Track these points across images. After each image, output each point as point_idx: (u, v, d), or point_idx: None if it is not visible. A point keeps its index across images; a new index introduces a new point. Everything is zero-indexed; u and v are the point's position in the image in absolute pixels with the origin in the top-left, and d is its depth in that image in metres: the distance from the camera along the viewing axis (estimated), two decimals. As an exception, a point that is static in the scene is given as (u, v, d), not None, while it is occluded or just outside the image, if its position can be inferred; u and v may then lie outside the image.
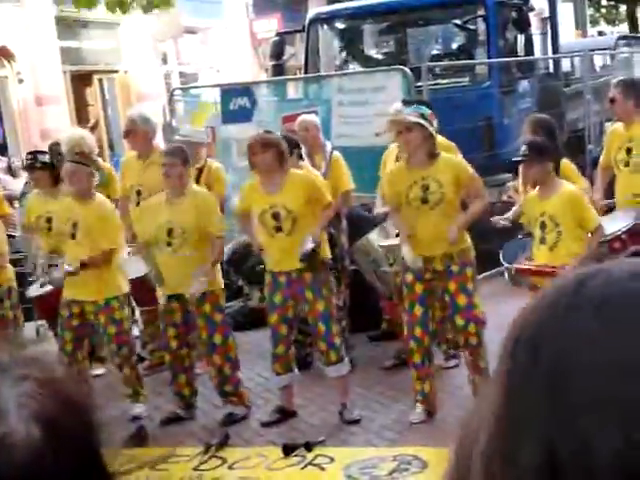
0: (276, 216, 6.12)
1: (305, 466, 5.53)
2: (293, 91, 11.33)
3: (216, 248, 6.49)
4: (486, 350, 5.89)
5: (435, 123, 5.93)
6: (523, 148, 5.87)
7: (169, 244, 6.39)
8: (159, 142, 8.13)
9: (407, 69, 9.05)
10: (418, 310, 6.05)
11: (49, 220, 7.18)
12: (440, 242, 5.88)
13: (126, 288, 6.86)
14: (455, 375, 6.83)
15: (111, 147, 18.40)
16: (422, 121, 5.80)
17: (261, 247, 6.33)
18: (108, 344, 6.81)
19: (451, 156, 6.20)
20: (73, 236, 6.62)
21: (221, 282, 6.63)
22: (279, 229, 6.12)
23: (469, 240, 6.04)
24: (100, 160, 8.35)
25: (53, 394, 1.06)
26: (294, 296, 6.23)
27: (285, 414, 6.36)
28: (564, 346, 0.71)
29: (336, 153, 7.46)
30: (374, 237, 7.18)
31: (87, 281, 6.53)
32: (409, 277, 6.04)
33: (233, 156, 10.09)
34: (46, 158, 7.55)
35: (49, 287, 7.03)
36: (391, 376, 7.02)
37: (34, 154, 7.75)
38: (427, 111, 5.92)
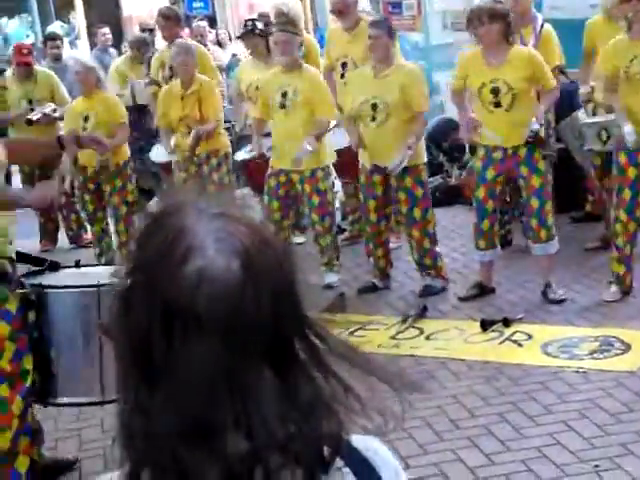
0: (495, 91, 5.97)
1: (503, 341, 5.53)
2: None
3: (419, 124, 6.44)
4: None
5: None
6: None
7: (373, 118, 6.39)
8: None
9: None
10: (627, 194, 5.83)
11: (257, 88, 7.30)
12: None
13: (332, 158, 6.97)
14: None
15: (315, 22, 18.39)
16: None
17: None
18: (310, 214, 6.96)
19: None
20: (283, 106, 6.73)
21: (424, 157, 6.60)
22: (498, 104, 5.98)
23: None
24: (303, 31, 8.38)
25: (251, 231, 1.05)
26: (508, 171, 6.13)
27: (483, 290, 6.34)
28: None
29: (547, 26, 7.15)
30: (583, 114, 6.90)
31: (290, 151, 6.67)
32: (623, 159, 5.81)
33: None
34: (263, 26, 7.69)
35: (255, 153, 7.25)
36: (593, 258, 6.86)
37: (253, 21, 7.91)
38: None
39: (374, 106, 6.36)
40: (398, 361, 5.40)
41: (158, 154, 8.28)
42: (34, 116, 7.71)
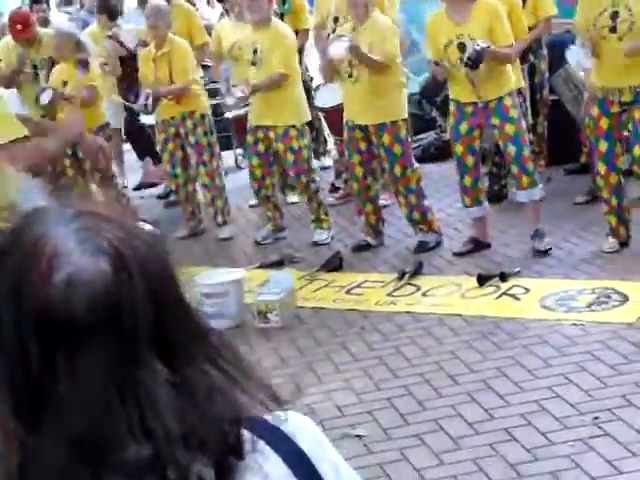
0: (462, 47, 5.91)
1: (500, 296, 5.50)
2: None
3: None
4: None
5: None
6: None
7: (350, 75, 6.34)
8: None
9: None
10: (603, 146, 5.80)
11: (240, 48, 7.23)
12: (630, 72, 5.56)
13: (306, 117, 6.92)
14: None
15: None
16: None
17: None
18: (289, 172, 6.98)
19: None
20: (253, 63, 6.71)
21: (404, 113, 6.52)
22: (467, 64, 5.89)
23: None
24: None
25: (114, 226, 1.00)
26: (480, 125, 6.09)
27: (478, 245, 6.30)
28: None
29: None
30: (576, 64, 6.82)
31: (269, 107, 6.65)
32: (595, 111, 5.77)
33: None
34: None
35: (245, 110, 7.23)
36: (589, 210, 6.82)
37: None
38: None
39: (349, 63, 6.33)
40: (395, 318, 5.40)
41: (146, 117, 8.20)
42: (44, 99, 7.51)
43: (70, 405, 0.96)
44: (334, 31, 7.37)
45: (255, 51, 6.74)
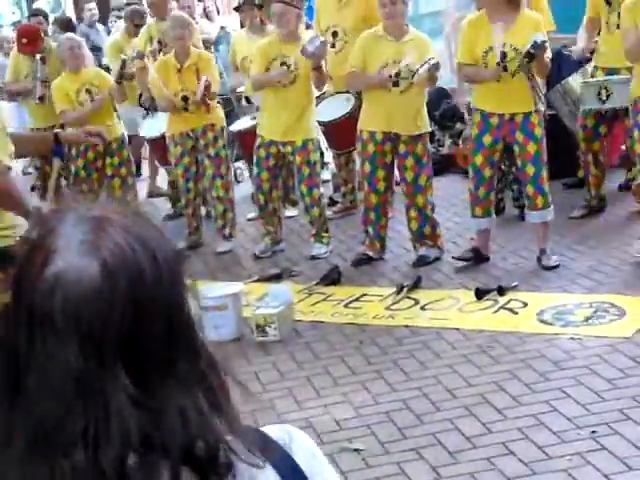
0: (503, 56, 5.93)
1: (498, 310, 5.52)
2: None
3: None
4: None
5: None
6: None
7: (395, 84, 6.32)
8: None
9: None
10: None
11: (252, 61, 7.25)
12: None
13: (318, 131, 6.98)
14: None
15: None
16: None
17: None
18: (300, 185, 6.96)
19: None
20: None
21: (429, 126, 6.60)
22: (504, 69, 5.93)
23: None
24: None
25: (122, 233, 1.03)
26: (504, 138, 6.10)
27: (479, 256, 6.30)
28: None
29: (537, -9, 7.09)
30: (576, 78, 6.88)
31: (285, 123, 6.68)
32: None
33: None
34: None
35: (251, 123, 7.25)
36: (586, 224, 6.85)
37: None
38: None
39: (397, 73, 6.31)
40: (393, 332, 5.41)
41: (149, 129, 8.22)
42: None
43: (35, 397, 1.00)
44: (333, 45, 7.43)
45: (284, 65, 6.73)
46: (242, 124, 7.89)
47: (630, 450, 3.80)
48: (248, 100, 7.89)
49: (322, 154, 8.80)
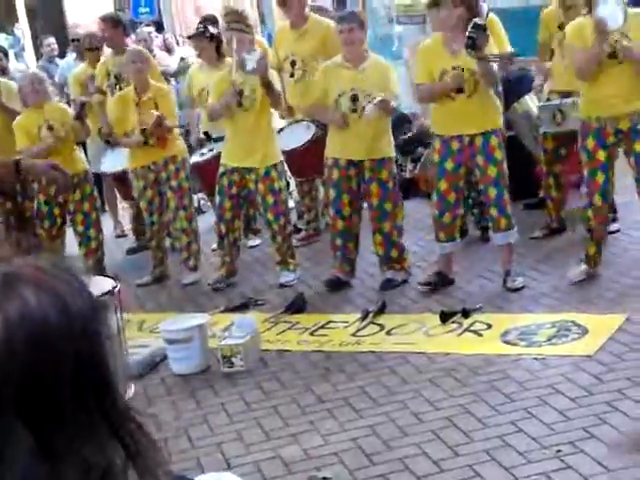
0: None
1: (462, 332, 5.55)
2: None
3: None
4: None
5: None
6: None
7: (354, 110, 6.37)
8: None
9: None
10: (600, 178, 5.88)
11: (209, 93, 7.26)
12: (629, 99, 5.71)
13: (280, 157, 6.98)
14: (613, 241, 6.68)
15: (262, 21, 18.34)
16: None
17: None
18: (266, 213, 6.95)
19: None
20: (240, 104, 6.72)
21: (393, 150, 6.67)
22: (460, 90, 6.00)
23: None
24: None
25: (32, 287, 1.04)
26: (466, 162, 6.15)
27: (443, 279, 6.34)
28: None
29: (492, 15, 7.19)
30: (533, 98, 6.97)
31: (248, 149, 6.69)
32: (591, 143, 5.85)
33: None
34: (215, 30, 7.64)
35: (210, 156, 7.24)
36: (546, 245, 6.92)
37: (205, 23, 7.84)
38: None
39: (354, 97, 6.36)
40: (360, 358, 5.42)
41: (109, 164, 8.20)
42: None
43: None
44: (292, 75, 7.49)
45: (241, 93, 6.72)
46: (199, 156, 7.88)
47: (595, 468, 3.83)
48: (207, 135, 7.86)
49: (288, 183, 8.86)
